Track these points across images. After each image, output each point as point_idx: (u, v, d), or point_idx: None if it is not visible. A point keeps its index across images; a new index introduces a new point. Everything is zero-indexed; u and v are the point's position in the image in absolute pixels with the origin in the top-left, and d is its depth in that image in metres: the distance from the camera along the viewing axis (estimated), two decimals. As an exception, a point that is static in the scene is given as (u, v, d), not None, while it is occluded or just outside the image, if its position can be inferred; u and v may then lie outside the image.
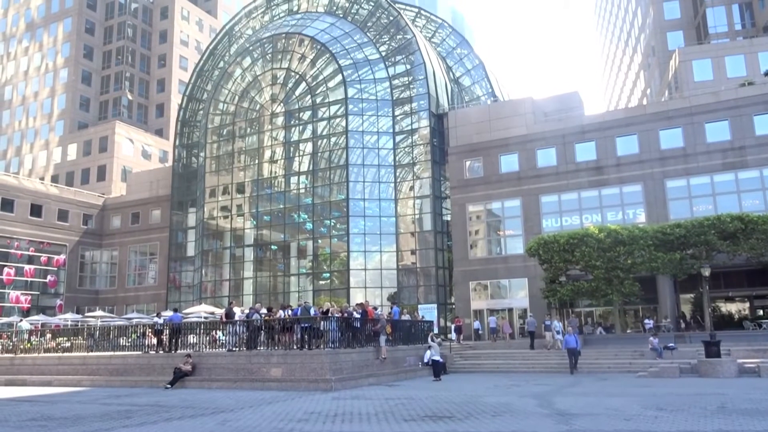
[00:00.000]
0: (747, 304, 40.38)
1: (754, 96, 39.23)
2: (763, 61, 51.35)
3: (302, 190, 52.39)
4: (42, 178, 76.86)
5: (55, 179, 77.15)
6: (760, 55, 52.25)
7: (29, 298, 56.87)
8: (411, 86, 50.89)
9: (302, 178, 52.72)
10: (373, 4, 54.28)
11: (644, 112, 42.70)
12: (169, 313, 28.85)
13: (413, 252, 49.17)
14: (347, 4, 55.65)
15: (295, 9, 58.56)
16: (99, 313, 48.87)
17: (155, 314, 34.91)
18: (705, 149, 39.23)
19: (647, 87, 71.52)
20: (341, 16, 55.08)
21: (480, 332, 41.85)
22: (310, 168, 52.05)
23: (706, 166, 39.01)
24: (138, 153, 77.84)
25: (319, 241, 51.24)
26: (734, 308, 40.97)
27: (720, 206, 37.30)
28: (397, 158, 50.12)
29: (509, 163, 44.79)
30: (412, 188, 50.35)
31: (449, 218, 48.24)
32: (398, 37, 52.57)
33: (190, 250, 58.23)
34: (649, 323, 36.56)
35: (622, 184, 41.11)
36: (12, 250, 56.17)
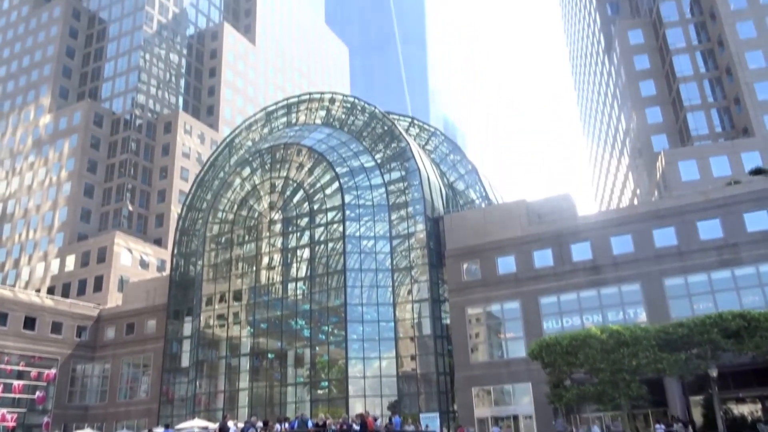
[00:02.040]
0: (759, 405, 38.95)
1: (742, 194, 40.14)
2: (746, 160, 53.05)
3: (300, 296, 52.02)
4: (38, 290, 76.44)
5: (51, 291, 76.70)
6: (743, 155, 54.08)
7: (15, 416, 54.62)
8: (406, 191, 52.02)
9: (300, 284, 52.54)
10: (368, 115, 56.69)
11: (636, 212, 43.49)
12: (160, 429, 27.75)
13: (413, 358, 48.05)
14: (343, 116, 58.11)
15: (294, 121, 61.03)
16: (87, 431, 46.82)
17: (146, 431, 33.46)
18: (699, 247, 39.55)
19: (637, 187, 73.27)
20: (338, 127, 57.33)
21: None
22: (308, 274, 52.01)
23: (702, 264, 39.15)
24: (136, 262, 78.02)
25: (317, 348, 50.19)
26: (746, 410, 39.46)
27: (720, 304, 37.06)
28: (394, 262, 50.25)
29: (506, 264, 44.89)
30: (410, 292, 50.06)
31: (449, 322, 47.61)
32: (393, 145, 54.42)
33: (185, 361, 56.80)
34: (660, 428, 35.04)
35: (620, 283, 41.02)
36: (2, 366, 54.71)
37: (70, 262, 79.23)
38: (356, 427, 24.44)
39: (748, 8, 63.98)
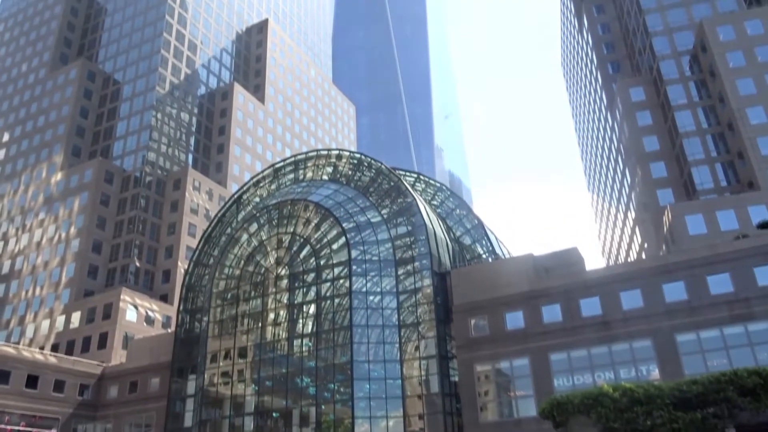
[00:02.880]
0: (782, 468, 37.47)
1: (751, 248, 39.82)
2: (753, 214, 52.98)
3: (305, 353, 51.29)
4: (42, 347, 75.76)
5: (55, 348, 76.01)
6: (750, 209, 54.05)
7: (13, 478, 53.27)
8: (413, 246, 51.98)
9: (305, 340, 51.92)
10: (374, 171, 57.32)
11: (644, 266, 43.14)
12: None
13: (421, 417, 46.83)
14: (350, 173, 58.77)
15: (301, 178, 61.74)
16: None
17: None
18: (710, 302, 39.00)
19: (644, 241, 72.98)
20: (345, 183, 57.91)
21: None
22: (314, 330, 51.45)
23: (714, 319, 38.50)
24: (141, 319, 77.51)
25: (323, 406, 49.09)
26: (769, 473, 37.97)
27: (735, 360, 36.23)
28: (401, 318, 49.69)
29: (515, 320, 44.29)
30: (417, 348, 49.29)
31: (457, 379, 46.63)
32: (399, 200, 54.76)
33: (188, 420, 55.57)
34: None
35: (631, 339, 40.27)
36: (2, 426, 53.68)
37: (76, 318, 78.81)
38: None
39: (747, 66, 65.31)
